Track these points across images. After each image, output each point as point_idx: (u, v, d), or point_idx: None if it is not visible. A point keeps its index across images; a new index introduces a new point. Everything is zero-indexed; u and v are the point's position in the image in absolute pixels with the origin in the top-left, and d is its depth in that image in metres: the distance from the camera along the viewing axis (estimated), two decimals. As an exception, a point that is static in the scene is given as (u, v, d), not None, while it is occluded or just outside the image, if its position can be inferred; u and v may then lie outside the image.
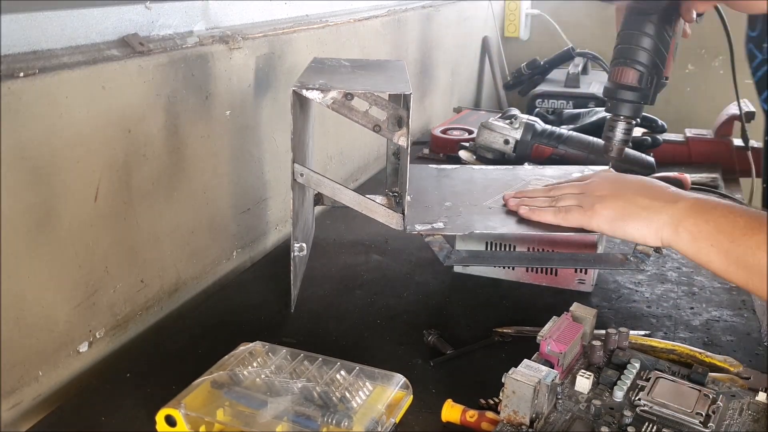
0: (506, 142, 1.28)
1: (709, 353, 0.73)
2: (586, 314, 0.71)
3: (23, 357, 0.71)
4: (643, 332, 0.80)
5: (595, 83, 2.01)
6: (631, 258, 0.84)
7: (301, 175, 0.80)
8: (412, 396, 0.66)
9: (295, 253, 0.83)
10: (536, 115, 1.39)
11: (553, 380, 0.61)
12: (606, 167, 1.04)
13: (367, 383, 0.65)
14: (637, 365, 0.67)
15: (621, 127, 0.98)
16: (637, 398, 0.64)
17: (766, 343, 0.79)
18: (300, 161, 0.80)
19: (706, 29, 1.06)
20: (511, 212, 0.88)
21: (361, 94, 0.76)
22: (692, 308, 0.87)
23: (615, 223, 0.76)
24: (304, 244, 0.86)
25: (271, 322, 0.84)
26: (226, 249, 1.02)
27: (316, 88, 0.76)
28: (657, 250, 0.86)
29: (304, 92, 0.76)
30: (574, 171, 1.03)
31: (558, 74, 2.00)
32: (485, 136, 1.29)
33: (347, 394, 0.63)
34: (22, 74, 0.66)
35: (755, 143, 1.38)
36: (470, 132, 1.50)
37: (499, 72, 2.31)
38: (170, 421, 0.61)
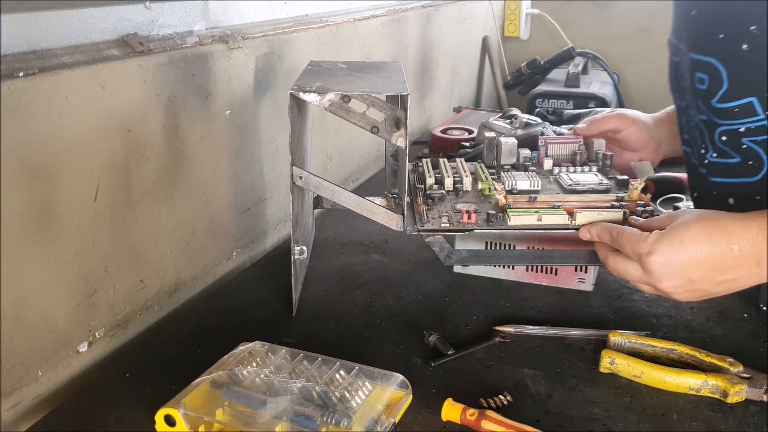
0: (506, 142, 1.27)
1: (709, 353, 0.73)
2: None
3: (23, 357, 0.71)
4: (643, 332, 0.80)
5: (595, 83, 2.01)
6: None
7: (300, 177, 0.80)
8: (411, 395, 0.66)
9: (296, 257, 0.83)
10: (536, 115, 1.39)
11: None
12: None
13: (366, 383, 0.65)
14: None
15: None
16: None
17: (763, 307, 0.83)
18: (299, 164, 0.80)
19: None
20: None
21: (358, 95, 0.76)
22: (692, 308, 0.87)
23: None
24: (304, 248, 0.86)
25: (270, 322, 0.84)
26: (226, 249, 1.02)
27: (314, 90, 0.76)
28: None
29: (302, 95, 0.76)
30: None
31: (558, 74, 2.00)
32: (485, 135, 1.29)
33: (346, 394, 0.63)
34: (22, 74, 0.66)
35: None
36: (470, 132, 1.50)
37: (499, 72, 2.31)
38: (169, 421, 0.61)
